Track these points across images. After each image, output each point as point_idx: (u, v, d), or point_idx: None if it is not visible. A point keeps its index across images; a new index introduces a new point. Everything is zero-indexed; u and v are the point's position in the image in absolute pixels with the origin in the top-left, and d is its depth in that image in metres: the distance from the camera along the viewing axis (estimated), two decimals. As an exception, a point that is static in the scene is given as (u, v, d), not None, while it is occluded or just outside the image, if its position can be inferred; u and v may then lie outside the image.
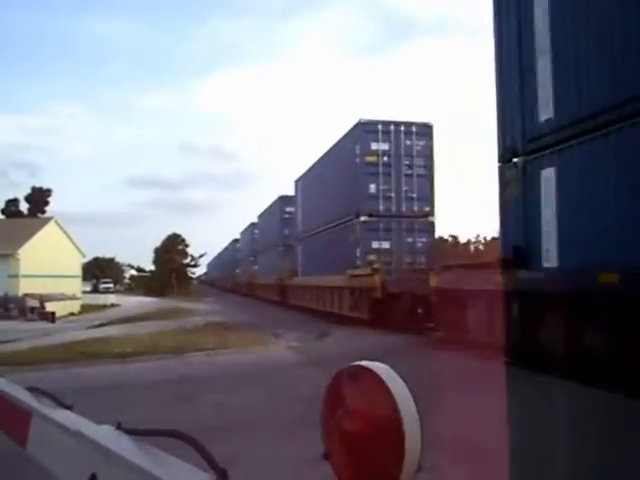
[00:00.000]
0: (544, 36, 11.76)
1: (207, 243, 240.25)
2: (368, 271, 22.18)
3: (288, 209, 39.08)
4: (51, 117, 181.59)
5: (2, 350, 16.03)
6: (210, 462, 1.31)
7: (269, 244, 44.43)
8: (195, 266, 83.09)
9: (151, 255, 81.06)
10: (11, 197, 73.79)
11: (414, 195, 23.48)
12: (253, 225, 54.82)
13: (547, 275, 11.24)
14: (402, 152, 23.40)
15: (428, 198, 23.76)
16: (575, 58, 10.85)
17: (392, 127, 23.49)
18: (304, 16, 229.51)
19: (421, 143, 23.47)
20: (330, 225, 27.91)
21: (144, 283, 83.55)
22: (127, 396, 9.41)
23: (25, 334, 20.35)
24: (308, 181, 33.84)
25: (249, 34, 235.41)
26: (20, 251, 40.65)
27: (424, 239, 23.64)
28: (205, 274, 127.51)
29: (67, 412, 1.95)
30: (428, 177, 23.74)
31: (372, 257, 23.20)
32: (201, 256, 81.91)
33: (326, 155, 29.39)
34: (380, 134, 23.44)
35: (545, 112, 11.72)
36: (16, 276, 39.55)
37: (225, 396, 10.13)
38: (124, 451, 1.52)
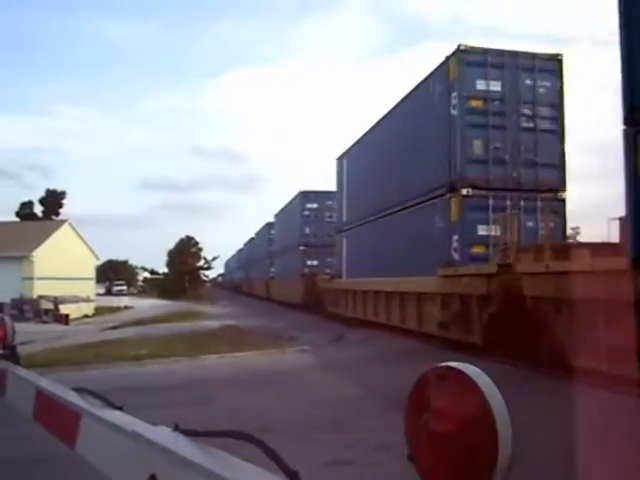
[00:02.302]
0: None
1: (220, 245, 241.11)
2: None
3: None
4: (63, 119, 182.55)
5: (19, 352, 16.02)
6: (280, 464, 1.29)
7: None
8: (208, 269, 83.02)
9: (164, 258, 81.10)
10: (25, 199, 74.04)
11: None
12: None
13: None
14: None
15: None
16: None
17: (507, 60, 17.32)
18: (315, 17, 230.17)
19: (546, 84, 17.40)
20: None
21: (157, 285, 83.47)
22: (141, 398, 9.40)
23: (40, 336, 20.37)
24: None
25: (259, 35, 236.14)
26: (35, 253, 40.72)
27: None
28: (221, 275, 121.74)
29: (118, 412, 1.92)
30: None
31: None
32: (214, 259, 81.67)
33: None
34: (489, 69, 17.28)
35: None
36: (31, 278, 39.60)
37: (239, 399, 10.12)
38: (185, 452, 1.48)
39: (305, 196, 38.19)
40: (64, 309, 32.74)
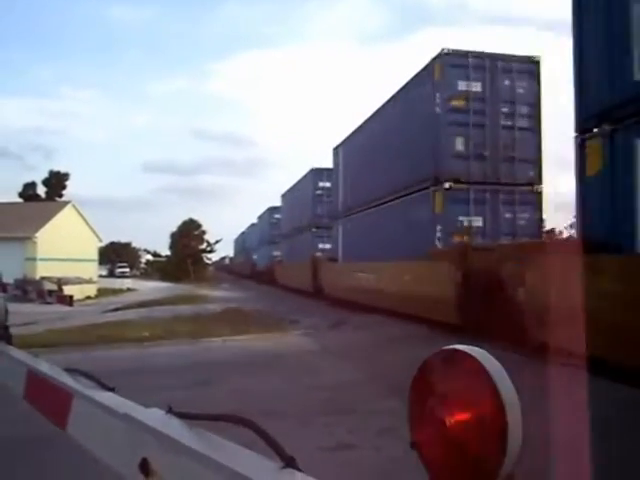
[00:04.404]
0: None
1: (222, 229, 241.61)
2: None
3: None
4: (67, 101, 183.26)
5: (20, 332, 16.04)
6: (276, 448, 1.24)
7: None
8: (211, 252, 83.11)
9: (167, 240, 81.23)
10: (28, 180, 74.11)
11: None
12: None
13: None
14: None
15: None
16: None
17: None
18: (320, 1, 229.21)
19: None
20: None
21: (160, 268, 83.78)
22: (143, 380, 9.38)
23: (43, 317, 20.43)
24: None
25: (264, 19, 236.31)
26: (37, 234, 40.83)
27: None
28: (225, 258, 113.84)
29: (110, 394, 1.88)
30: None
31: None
32: (217, 242, 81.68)
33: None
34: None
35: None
36: (33, 259, 39.72)
37: (241, 382, 10.11)
38: (178, 435, 1.43)
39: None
40: (67, 290, 32.75)
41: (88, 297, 39.06)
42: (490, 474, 0.96)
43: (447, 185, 17.42)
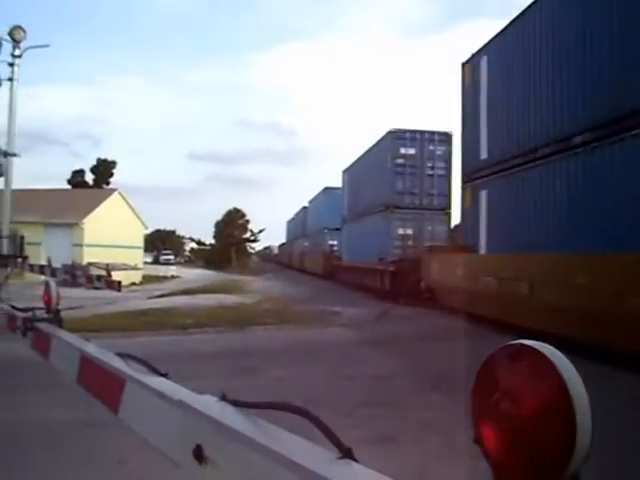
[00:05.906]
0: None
1: (265, 219, 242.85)
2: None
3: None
4: (113, 90, 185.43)
5: (69, 316, 16.28)
6: (333, 439, 1.22)
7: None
8: (255, 241, 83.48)
9: (211, 229, 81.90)
10: (76, 168, 75.40)
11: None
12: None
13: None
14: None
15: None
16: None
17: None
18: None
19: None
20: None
21: (204, 256, 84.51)
22: (188, 367, 9.47)
23: (91, 302, 20.77)
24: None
25: (308, 9, 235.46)
26: (85, 221, 41.51)
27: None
28: (277, 248, 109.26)
29: (163, 380, 1.88)
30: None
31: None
32: (261, 231, 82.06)
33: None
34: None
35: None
36: (80, 245, 40.38)
37: (285, 370, 10.14)
38: (232, 423, 1.43)
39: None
40: (113, 276, 33.22)
41: (133, 283, 39.60)
42: (556, 473, 0.93)
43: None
